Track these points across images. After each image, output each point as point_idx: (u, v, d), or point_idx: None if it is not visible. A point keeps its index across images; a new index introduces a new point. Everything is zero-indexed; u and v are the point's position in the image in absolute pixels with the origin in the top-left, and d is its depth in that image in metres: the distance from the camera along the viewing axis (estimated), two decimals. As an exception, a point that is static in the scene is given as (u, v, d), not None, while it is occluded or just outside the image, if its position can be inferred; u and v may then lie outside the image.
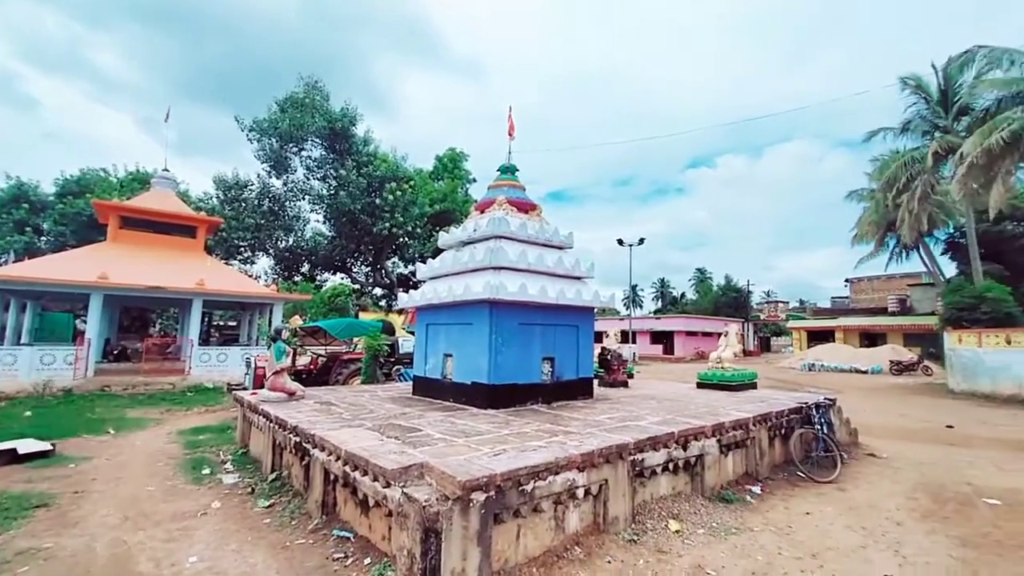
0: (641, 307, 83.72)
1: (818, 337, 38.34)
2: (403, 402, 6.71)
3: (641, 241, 34.48)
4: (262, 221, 28.65)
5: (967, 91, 20.32)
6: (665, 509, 4.47)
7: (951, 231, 28.69)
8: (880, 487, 5.58)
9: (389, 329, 12.77)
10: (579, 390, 7.08)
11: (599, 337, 10.30)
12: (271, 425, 5.64)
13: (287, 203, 29.99)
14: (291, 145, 28.18)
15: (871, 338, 35.80)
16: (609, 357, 8.88)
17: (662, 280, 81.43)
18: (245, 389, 9.67)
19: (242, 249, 30.32)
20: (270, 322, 19.16)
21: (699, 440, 4.99)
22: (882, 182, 24.56)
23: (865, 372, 26.79)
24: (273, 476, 5.47)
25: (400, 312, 22.53)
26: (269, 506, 4.71)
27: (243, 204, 28.78)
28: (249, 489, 5.26)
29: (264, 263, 32.64)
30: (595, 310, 7.46)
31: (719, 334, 9.66)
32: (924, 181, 21.82)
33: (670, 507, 4.52)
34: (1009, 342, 15.35)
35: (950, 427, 9.96)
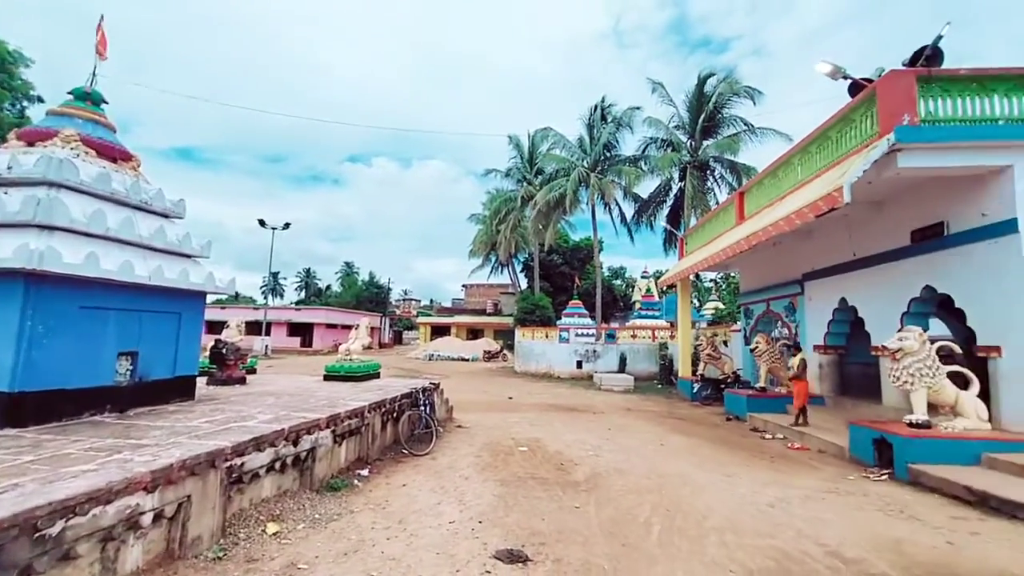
0: (283, 296, 77.82)
1: (440, 332, 45.28)
2: None
3: (287, 226, 32.10)
4: None
5: (542, 158, 28.47)
6: (266, 512, 4.17)
7: (527, 256, 39.44)
8: (460, 451, 6.96)
9: None
10: (174, 391, 5.82)
11: (217, 328, 8.82)
12: None
13: None
14: None
15: (475, 333, 44.89)
16: (224, 350, 7.72)
17: (308, 270, 78.23)
18: None
19: None
20: None
21: (312, 433, 4.92)
22: (491, 211, 31.45)
23: (468, 360, 33.23)
24: None
25: None
26: None
27: None
28: None
29: None
30: (206, 296, 6.33)
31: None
32: (515, 216, 29.08)
33: (272, 509, 4.25)
34: (547, 336, 22.26)
35: (510, 398, 13.55)
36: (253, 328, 37.48)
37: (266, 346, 32.78)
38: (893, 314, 8.14)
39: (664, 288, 23.87)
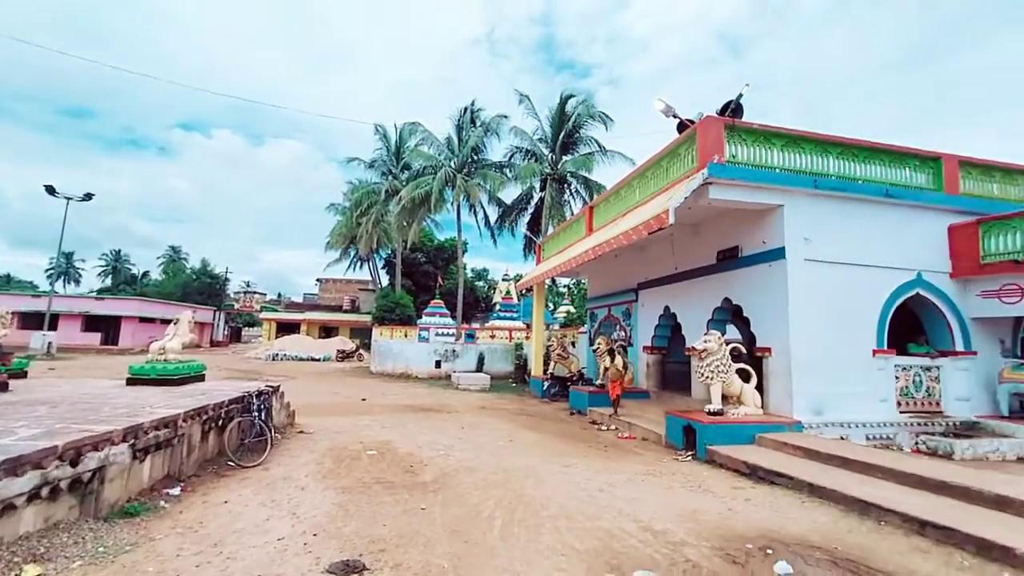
0: (79, 283, 63.64)
1: (287, 329, 41.26)
2: None
3: (88, 196, 26.35)
4: None
5: (409, 152, 27.79)
6: (25, 551, 3.30)
7: (390, 252, 38.10)
8: (299, 459, 6.39)
9: None
10: None
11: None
12: None
13: None
14: None
15: (328, 331, 41.92)
16: (-26, 349, 5.96)
17: (117, 252, 65.20)
18: None
19: None
20: None
21: (101, 450, 4.05)
22: (352, 202, 29.70)
23: (318, 360, 30.88)
24: None
25: None
26: None
27: None
28: None
29: None
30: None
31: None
32: (378, 210, 27.90)
33: (35, 546, 3.38)
34: (406, 335, 21.76)
35: (364, 400, 12.92)
36: (32, 321, 29.88)
37: (48, 343, 26.34)
38: (701, 320, 9.68)
39: (522, 291, 25.08)
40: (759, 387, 8.03)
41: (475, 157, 24.37)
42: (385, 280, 38.24)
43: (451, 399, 13.92)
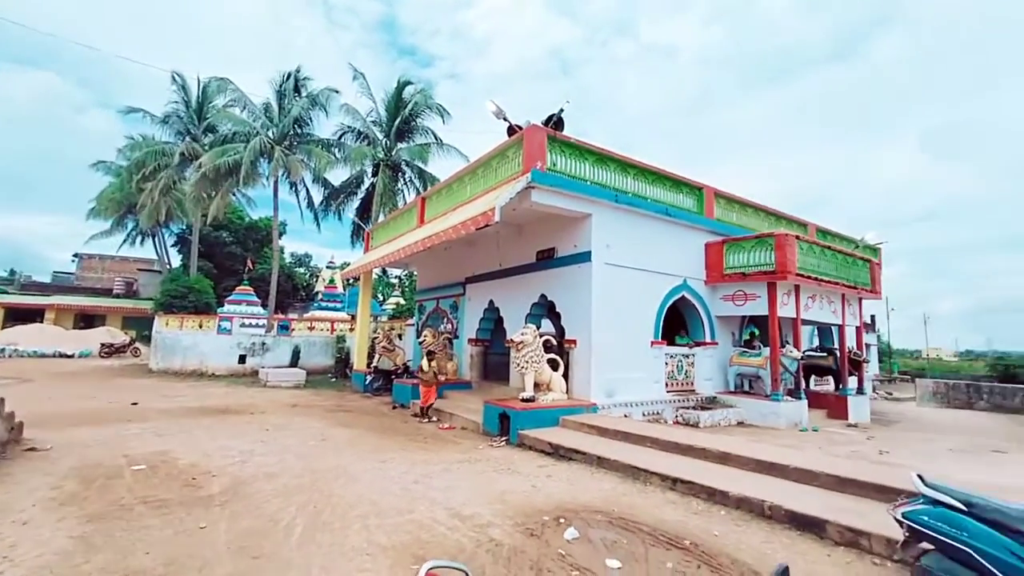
0: None
1: (24, 316, 31.64)
2: None
3: None
4: None
5: (215, 113, 23.74)
6: None
7: (184, 227, 32.06)
8: (25, 485, 4.91)
9: None
10: None
11: None
12: None
13: None
14: None
15: (89, 319, 33.46)
16: None
17: None
18: None
19: None
20: None
21: None
22: (132, 163, 24.09)
23: (72, 356, 24.50)
24: None
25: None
26: None
27: None
28: None
29: None
30: None
31: None
32: (169, 176, 23.23)
33: None
34: (201, 326, 18.62)
35: (135, 404, 10.60)
36: None
37: None
38: (521, 314, 10.41)
39: (348, 280, 23.65)
40: (566, 375, 8.98)
41: (298, 130, 21.95)
42: (177, 261, 32.08)
43: (257, 398, 12.36)
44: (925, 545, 2.92)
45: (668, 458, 5.92)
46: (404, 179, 22.93)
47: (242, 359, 18.37)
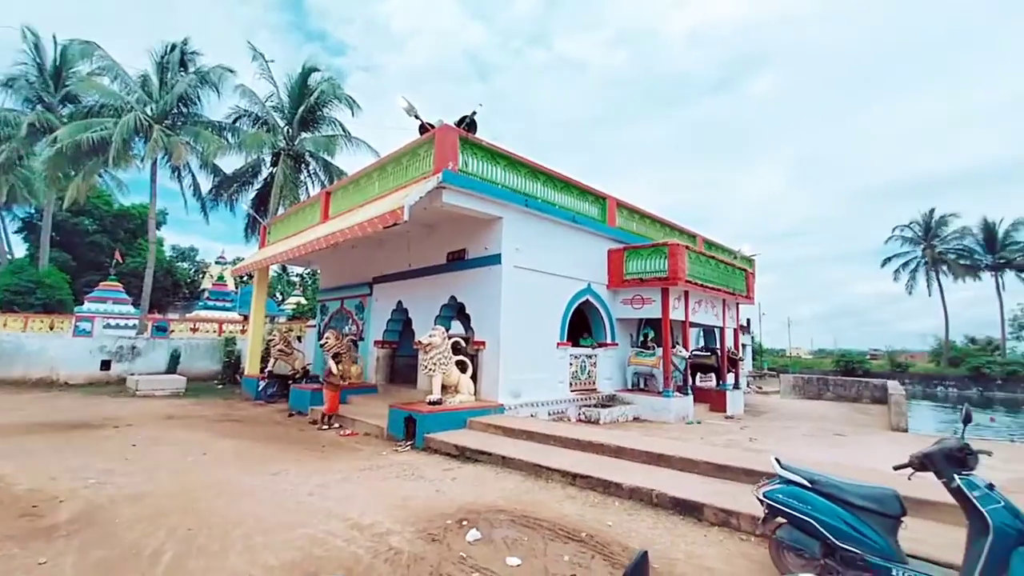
0: None
1: None
2: None
3: None
4: None
5: (78, 81, 20.55)
6: None
7: (32, 211, 27.31)
8: None
9: None
10: None
11: None
12: None
13: None
14: None
15: None
16: None
17: None
18: None
19: None
20: None
21: None
22: (-43, 129, 20.03)
23: None
24: None
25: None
26: None
27: None
28: None
29: None
30: None
31: None
32: (14, 149, 19.71)
33: None
34: (52, 327, 15.96)
35: (-45, 422, 8.76)
36: None
37: None
38: (430, 316, 10.25)
39: (241, 277, 21.67)
40: (474, 376, 8.99)
41: (184, 109, 19.67)
42: (22, 250, 27.20)
43: (123, 409, 10.83)
44: (780, 519, 3.34)
45: (570, 455, 6.17)
46: (308, 171, 21.56)
47: (105, 365, 16.00)
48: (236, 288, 24.14)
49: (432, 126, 9.01)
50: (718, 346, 13.75)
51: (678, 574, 3.44)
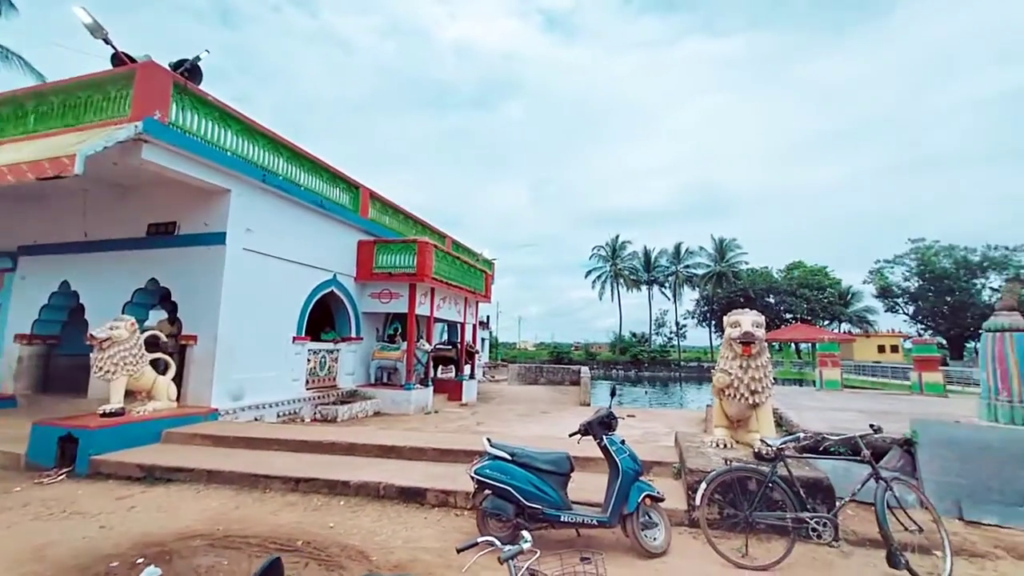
0: None
1: None
2: None
3: None
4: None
5: None
6: None
7: None
8: None
9: None
10: None
11: None
12: None
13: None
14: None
15: None
16: None
17: None
18: None
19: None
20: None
21: None
22: None
23: None
24: None
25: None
26: None
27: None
28: None
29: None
30: None
31: None
32: None
33: None
34: None
35: None
36: None
37: None
38: (118, 303, 7.99)
39: None
40: (179, 378, 7.39)
41: None
42: None
43: None
44: (487, 492, 3.80)
45: (295, 458, 5.67)
46: None
47: None
48: None
49: (132, 59, 7.02)
50: (459, 340, 14.92)
51: (395, 561, 3.54)
